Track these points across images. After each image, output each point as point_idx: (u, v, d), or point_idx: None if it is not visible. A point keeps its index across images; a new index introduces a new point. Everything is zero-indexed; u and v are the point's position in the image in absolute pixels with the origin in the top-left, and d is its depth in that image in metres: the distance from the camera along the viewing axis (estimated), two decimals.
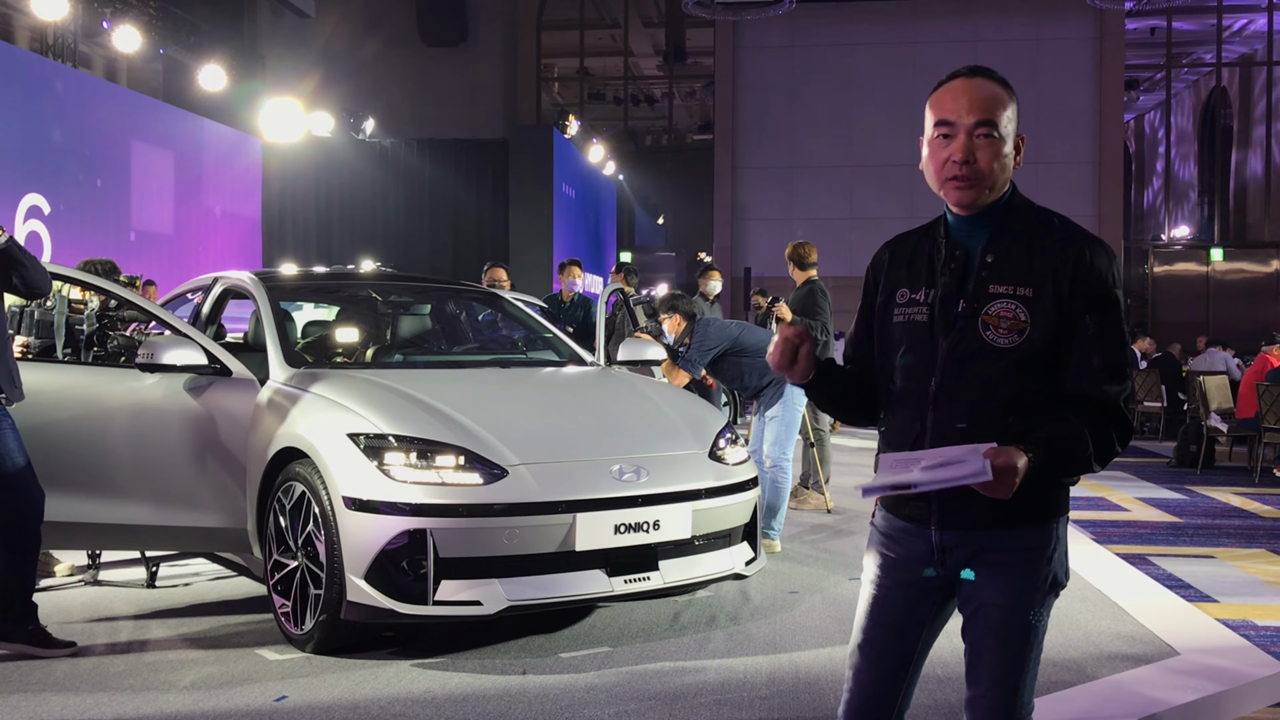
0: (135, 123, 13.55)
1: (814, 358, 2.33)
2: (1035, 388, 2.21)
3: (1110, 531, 7.70)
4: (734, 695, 3.93)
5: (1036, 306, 2.20)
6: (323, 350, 5.66)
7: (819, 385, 2.38)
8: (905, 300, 2.33)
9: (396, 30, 22.46)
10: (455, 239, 17.92)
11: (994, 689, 2.26)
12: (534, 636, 4.62)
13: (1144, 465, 11.71)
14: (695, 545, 4.62)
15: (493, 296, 6.41)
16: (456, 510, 4.14)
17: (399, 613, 4.11)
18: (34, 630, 4.34)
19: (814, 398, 2.43)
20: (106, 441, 4.84)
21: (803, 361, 2.31)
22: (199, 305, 5.85)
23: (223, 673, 4.15)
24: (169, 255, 14.02)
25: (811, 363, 2.32)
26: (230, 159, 15.97)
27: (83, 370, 5.03)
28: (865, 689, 2.39)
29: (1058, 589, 2.29)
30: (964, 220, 2.30)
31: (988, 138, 2.22)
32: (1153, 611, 5.10)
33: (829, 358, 2.40)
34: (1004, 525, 2.22)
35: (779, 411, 6.33)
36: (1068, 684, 4.06)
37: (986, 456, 2.05)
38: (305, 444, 4.41)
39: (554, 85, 28.88)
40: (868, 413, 2.44)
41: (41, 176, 11.73)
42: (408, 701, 3.84)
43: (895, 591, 2.35)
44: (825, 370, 2.38)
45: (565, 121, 18.33)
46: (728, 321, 6.61)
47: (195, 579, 5.71)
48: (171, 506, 4.84)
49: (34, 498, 4.35)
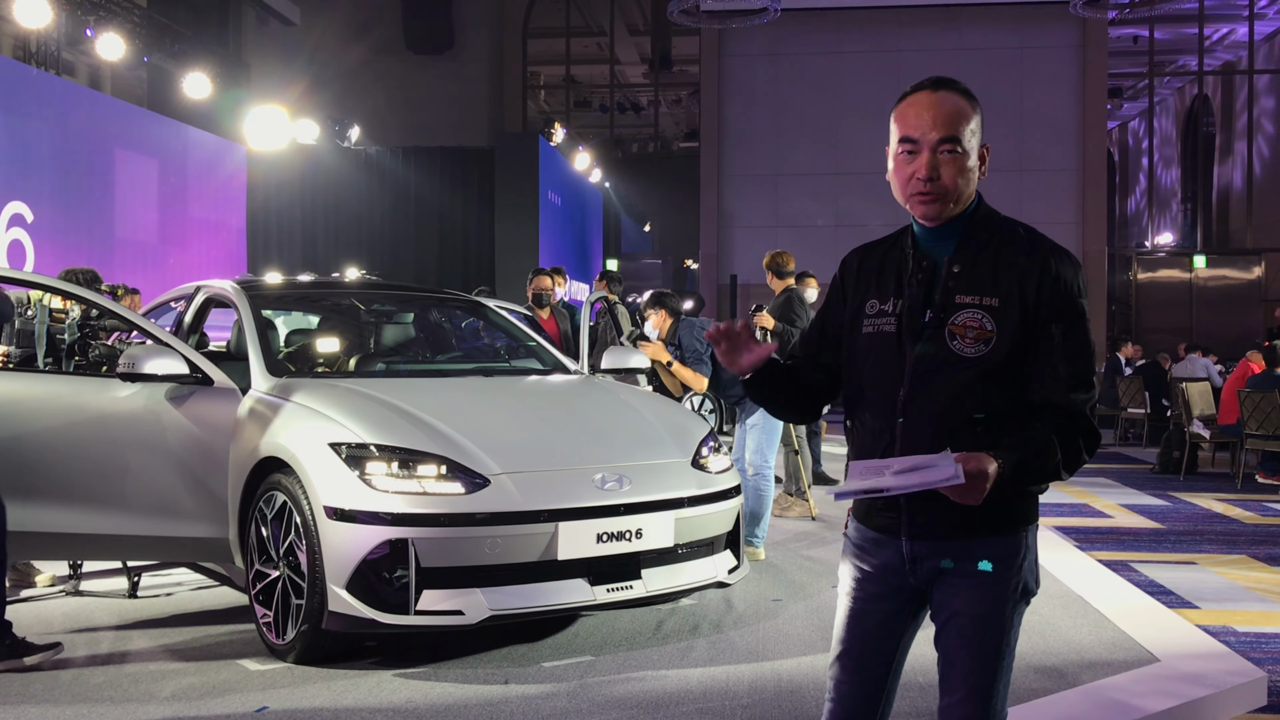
0: (119, 131, 13.49)
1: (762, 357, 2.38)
2: (1002, 397, 2.23)
3: (1093, 538, 7.74)
4: (716, 704, 3.94)
5: (1002, 316, 2.22)
6: (305, 359, 5.65)
7: (755, 382, 2.44)
8: (874, 311, 2.35)
9: (382, 38, 22.47)
10: (441, 247, 17.90)
11: (968, 697, 2.27)
12: (516, 646, 4.62)
13: (1127, 472, 11.76)
14: (678, 554, 4.63)
15: (476, 305, 6.42)
16: (438, 520, 4.14)
17: (381, 622, 4.10)
18: (12, 644, 4.31)
19: (748, 392, 2.49)
20: (88, 451, 4.82)
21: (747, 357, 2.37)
22: (181, 314, 5.84)
23: (204, 683, 4.14)
24: (153, 264, 13.96)
25: (757, 360, 2.38)
26: (215, 167, 15.92)
27: (64, 380, 5.01)
28: (846, 699, 2.40)
29: (1028, 597, 2.31)
30: (930, 231, 2.32)
31: (951, 153, 2.24)
32: (1134, 618, 5.12)
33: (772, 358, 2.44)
34: (973, 535, 2.24)
35: (760, 419, 6.35)
36: (1048, 690, 4.07)
37: (958, 461, 2.06)
38: (287, 453, 4.41)
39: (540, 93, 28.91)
40: (801, 411, 2.55)
41: (24, 185, 11.67)
42: (390, 712, 3.83)
43: (870, 603, 2.37)
44: (767, 368, 2.42)
45: (551, 129, 18.32)
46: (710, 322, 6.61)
47: (177, 589, 5.69)
48: (153, 516, 4.82)
49: None
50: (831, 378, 2.51)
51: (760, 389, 2.48)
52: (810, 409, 2.57)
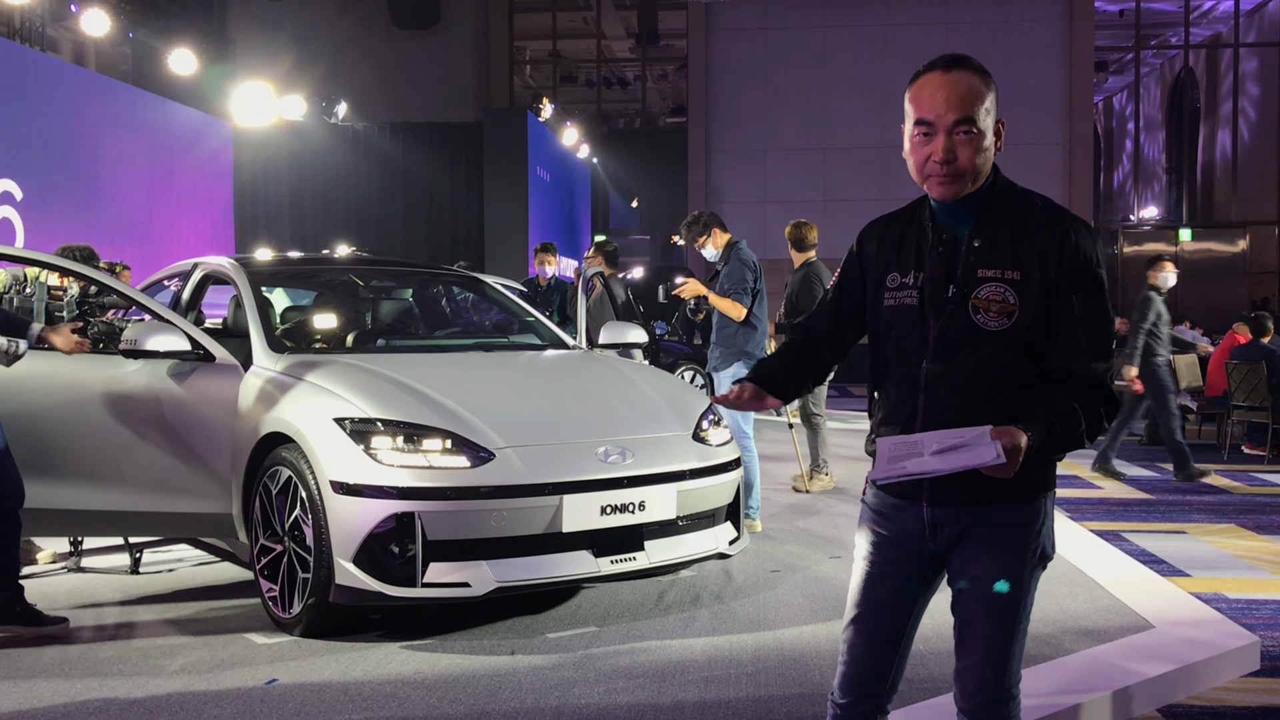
0: (105, 108, 13.42)
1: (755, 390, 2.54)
2: (1023, 368, 2.27)
3: (1084, 508, 7.82)
4: (720, 672, 3.99)
5: (1024, 289, 2.25)
6: (302, 336, 5.66)
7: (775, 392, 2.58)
8: (896, 284, 2.38)
9: (368, 13, 22.32)
10: (429, 223, 17.87)
11: (984, 660, 2.32)
12: (521, 617, 4.67)
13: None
14: (680, 525, 4.67)
15: (474, 281, 6.43)
16: (444, 493, 4.17)
17: (388, 595, 4.14)
18: (22, 610, 4.35)
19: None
20: (89, 428, 4.82)
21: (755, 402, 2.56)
22: (179, 291, 5.83)
23: (212, 657, 4.17)
24: (141, 240, 13.91)
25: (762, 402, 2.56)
26: (201, 143, 15.85)
27: (63, 357, 5.00)
28: (859, 661, 2.45)
29: (1045, 562, 2.36)
30: (948, 206, 2.34)
31: (967, 134, 2.26)
32: (1128, 586, 5.19)
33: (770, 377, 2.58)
34: (993, 501, 2.28)
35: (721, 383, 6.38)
36: (1045, 658, 4.13)
37: (994, 439, 2.10)
38: (291, 429, 4.43)
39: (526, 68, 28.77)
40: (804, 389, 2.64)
41: (11, 162, 11.61)
42: (398, 683, 3.87)
43: (888, 567, 2.41)
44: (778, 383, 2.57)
45: (539, 105, 18.27)
46: (753, 256, 6.56)
47: (179, 564, 5.71)
48: (155, 492, 4.83)
49: (14, 482, 4.36)
50: (839, 351, 2.57)
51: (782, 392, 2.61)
52: (822, 375, 2.64)
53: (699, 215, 6.61)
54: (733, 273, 6.30)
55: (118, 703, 3.70)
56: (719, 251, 6.49)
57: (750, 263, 6.37)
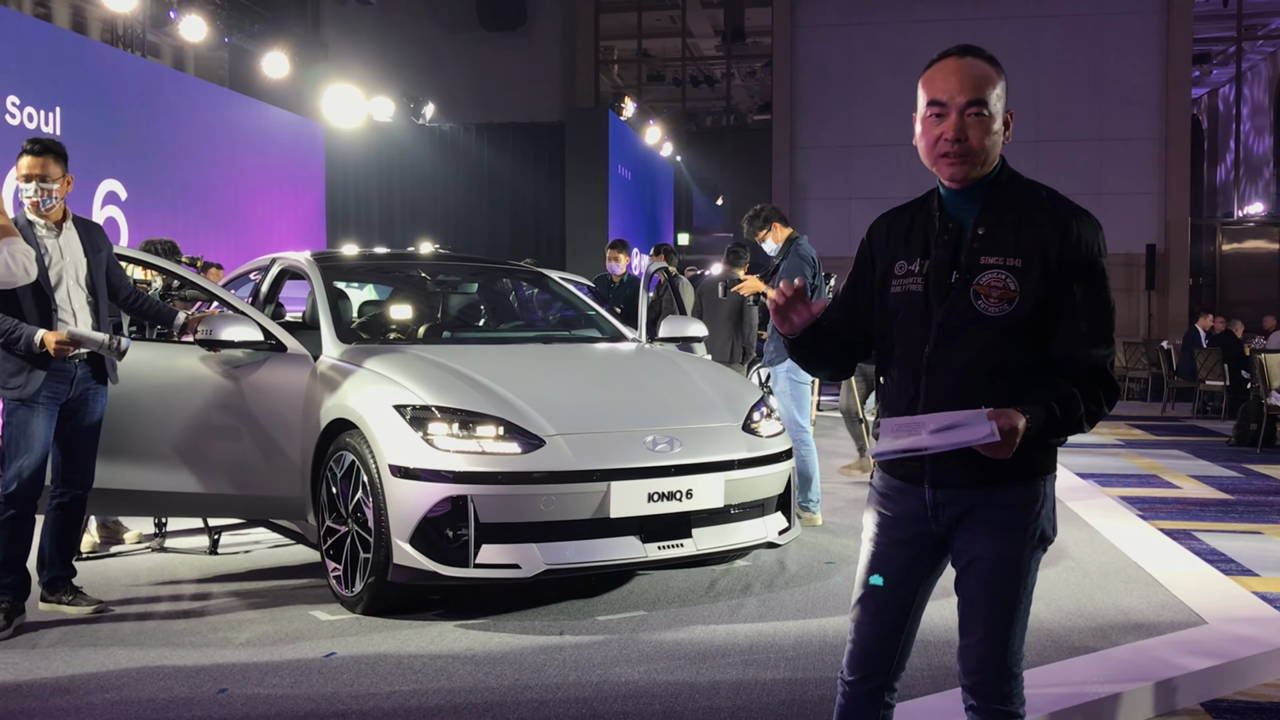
0: (203, 111, 13.93)
1: (807, 319, 2.47)
2: (1023, 354, 2.32)
3: (1158, 507, 7.70)
4: (760, 656, 4.08)
5: (1025, 277, 2.30)
6: (376, 328, 5.89)
7: (800, 343, 2.54)
8: (903, 272, 2.45)
9: (456, 15, 22.72)
10: (513, 222, 18.15)
11: (985, 638, 2.38)
12: (574, 600, 4.80)
13: (1203, 444, 11.60)
14: (729, 514, 4.77)
15: (539, 276, 6.59)
16: (496, 478, 4.33)
17: (441, 575, 4.31)
18: (69, 590, 4.66)
19: (791, 351, 2.60)
20: (170, 414, 5.09)
21: (797, 318, 2.46)
22: (258, 284, 6.10)
23: (276, 631, 4.39)
24: (237, 238, 14.41)
25: (806, 320, 2.47)
26: (295, 145, 16.34)
27: (146, 347, 5.29)
28: (866, 640, 2.52)
29: (1045, 543, 2.40)
30: (956, 194, 2.41)
31: (978, 116, 2.32)
32: (1186, 583, 5.14)
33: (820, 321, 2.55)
34: (993, 483, 2.34)
35: (786, 386, 6.40)
36: (1090, 649, 4.14)
37: (990, 419, 2.16)
38: (355, 415, 4.63)
39: (614, 68, 28.98)
40: (838, 370, 2.65)
41: (117, 164, 12.15)
42: (449, 658, 4.04)
43: (892, 548, 2.48)
44: (814, 328, 2.51)
45: (621, 104, 18.43)
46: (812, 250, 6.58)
47: (255, 546, 5.97)
48: (231, 476, 5.08)
49: (90, 470, 4.68)
50: (867, 338, 2.62)
51: (803, 348, 2.58)
52: (847, 366, 2.67)
53: (760, 209, 6.67)
54: (791, 268, 6.34)
55: (185, 669, 3.92)
56: (778, 246, 6.54)
57: (809, 258, 6.41)
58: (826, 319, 2.65)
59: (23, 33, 10.87)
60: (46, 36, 11.36)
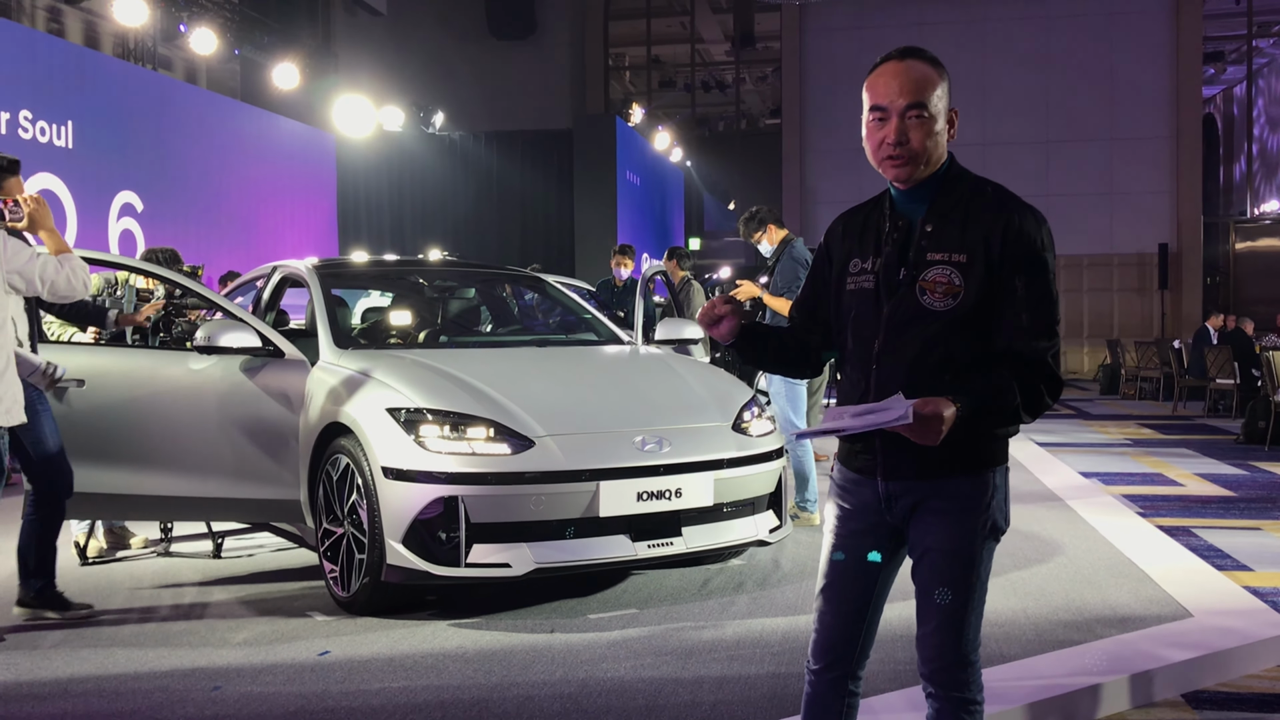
0: (215, 123, 14.12)
1: (738, 322, 2.56)
2: (969, 347, 2.38)
3: (1159, 504, 7.71)
4: (747, 652, 4.14)
5: (969, 271, 2.37)
6: (377, 333, 5.98)
7: (741, 345, 2.63)
8: (856, 269, 2.52)
9: (466, 25, 22.87)
10: (523, 228, 18.28)
11: (940, 626, 2.44)
12: (567, 599, 4.87)
13: (1211, 442, 11.58)
14: (719, 513, 4.83)
15: (536, 280, 6.67)
16: (486, 478, 4.41)
17: (434, 574, 4.38)
18: (51, 596, 4.71)
19: (739, 355, 2.69)
20: (170, 420, 5.18)
21: (724, 325, 2.55)
22: (260, 292, 6.20)
23: (273, 631, 4.48)
24: (250, 247, 14.58)
25: (734, 326, 2.56)
26: (306, 154, 16.52)
27: (148, 354, 5.39)
28: (828, 630, 2.60)
29: (998, 533, 2.46)
30: (905, 193, 2.48)
31: (919, 118, 2.39)
32: (1176, 578, 5.17)
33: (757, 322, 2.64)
34: (942, 475, 2.40)
35: (781, 386, 6.46)
36: (1072, 642, 4.18)
37: (915, 406, 2.23)
38: (349, 419, 4.71)
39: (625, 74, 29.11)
40: (792, 368, 2.73)
41: (132, 176, 12.34)
42: (440, 656, 4.11)
43: (850, 539, 2.55)
44: (750, 332, 2.61)
45: (629, 110, 18.53)
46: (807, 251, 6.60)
47: (258, 550, 6.07)
48: (230, 480, 5.17)
49: (65, 474, 4.71)
50: (826, 336, 2.69)
51: (746, 350, 2.68)
52: (807, 363, 2.73)
53: (755, 211, 6.73)
54: (784, 270, 6.40)
55: (182, 669, 4.01)
56: (774, 248, 6.60)
57: (803, 260, 6.46)
58: (793, 321, 2.73)
59: (35, 48, 11.05)
60: (58, 51, 11.55)
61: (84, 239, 11.34)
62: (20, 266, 4.18)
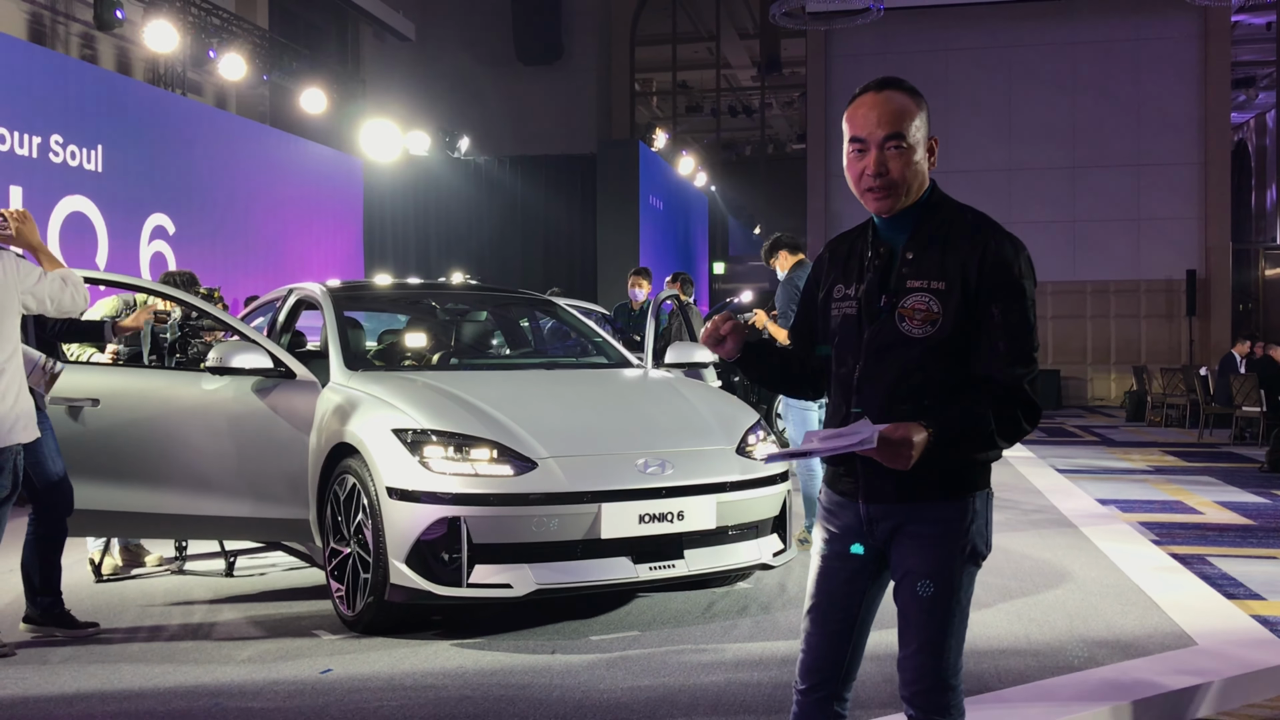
0: (244, 147, 14.32)
1: (742, 340, 2.60)
2: (948, 373, 2.41)
3: (1175, 533, 7.65)
4: (745, 674, 4.14)
5: (947, 299, 2.39)
6: (391, 355, 6.06)
7: (745, 362, 2.67)
8: (840, 295, 2.56)
9: (493, 50, 23.09)
10: (546, 251, 18.39)
11: (920, 649, 2.45)
12: (570, 621, 4.90)
13: (1235, 470, 11.46)
14: (722, 536, 4.85)
15: (548, 304, 6.73)
16: (489, 499, 4.45)
17: (436, 594, 4.42)
18: (59, 614, 4.77)
19: (743, 372, 2.73)
20: (184, 439, 5.25)
21: (729, 343, 2.59)
22: (275, 313, 6.29)
23: (277, 649, 4.53)
24: (278, 270, 14.75)
25: (738, 344, 2.60)
26: (333, 179, 16.71)
27: (163, 374, 5.48)
28: (815, 650, 2.62)
29: (978, 558, 2.47)
30: (887, 221, 2.51)
31: (898, 149, 2.42)
32: (1184, 606, 5.13)
33: (761, 339, 2.68)
34: (922, 499, 2.42)
35: (791, 410, 6.51)
36: (1073, 669, 4.16)
37: (884, 431, 2.25)
38: (356, 439, 4.77)
39: (653, 99, 29.26)
40: (796, 388, 2.76)
41: (164, 200, 12.54)
42: (440, 675, 4.15)
43: (835, 561, 2.57)
44: (754, 349, 2.65)
45: (652, 135, 18.64)
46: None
47: (271, 569, 6.13)
48: (242, 499, 5.24)
49: (66, 493, 4.77)
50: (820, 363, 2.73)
51: (750, 368, 2.72)
52: (809, 384, 2.76)
53: (774, 238, 6.84)
54: (781, 295, 6.49)
55: (185, 685, 4.07)
56: (785, 273, 6.66)
57: (799, 285, 6.52)
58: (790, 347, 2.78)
59: (67, 74, 11.27)
60: (89, 77, 11.76)
61: (115, 261, 11.52)
62: (31, 287, 4.27)
